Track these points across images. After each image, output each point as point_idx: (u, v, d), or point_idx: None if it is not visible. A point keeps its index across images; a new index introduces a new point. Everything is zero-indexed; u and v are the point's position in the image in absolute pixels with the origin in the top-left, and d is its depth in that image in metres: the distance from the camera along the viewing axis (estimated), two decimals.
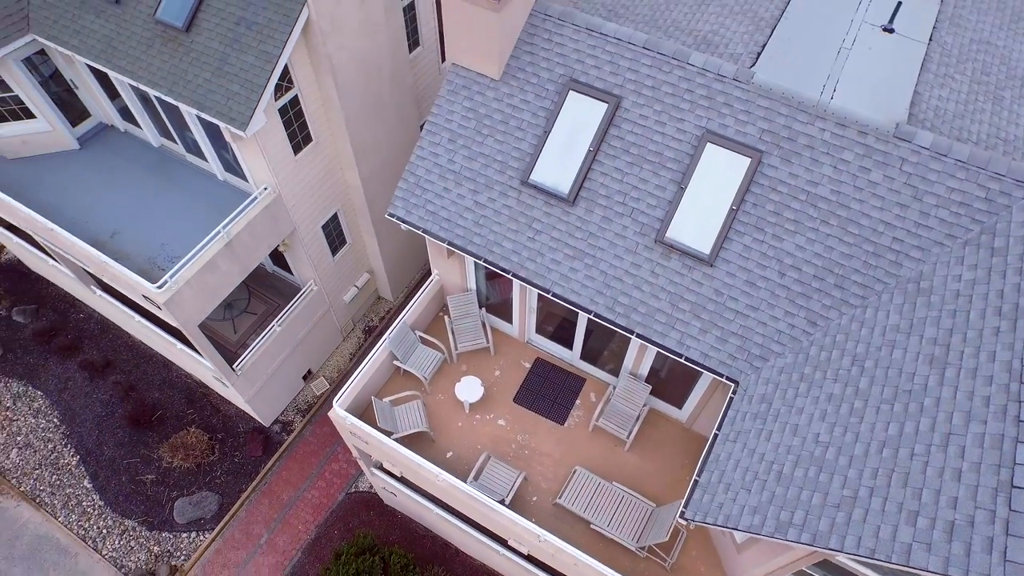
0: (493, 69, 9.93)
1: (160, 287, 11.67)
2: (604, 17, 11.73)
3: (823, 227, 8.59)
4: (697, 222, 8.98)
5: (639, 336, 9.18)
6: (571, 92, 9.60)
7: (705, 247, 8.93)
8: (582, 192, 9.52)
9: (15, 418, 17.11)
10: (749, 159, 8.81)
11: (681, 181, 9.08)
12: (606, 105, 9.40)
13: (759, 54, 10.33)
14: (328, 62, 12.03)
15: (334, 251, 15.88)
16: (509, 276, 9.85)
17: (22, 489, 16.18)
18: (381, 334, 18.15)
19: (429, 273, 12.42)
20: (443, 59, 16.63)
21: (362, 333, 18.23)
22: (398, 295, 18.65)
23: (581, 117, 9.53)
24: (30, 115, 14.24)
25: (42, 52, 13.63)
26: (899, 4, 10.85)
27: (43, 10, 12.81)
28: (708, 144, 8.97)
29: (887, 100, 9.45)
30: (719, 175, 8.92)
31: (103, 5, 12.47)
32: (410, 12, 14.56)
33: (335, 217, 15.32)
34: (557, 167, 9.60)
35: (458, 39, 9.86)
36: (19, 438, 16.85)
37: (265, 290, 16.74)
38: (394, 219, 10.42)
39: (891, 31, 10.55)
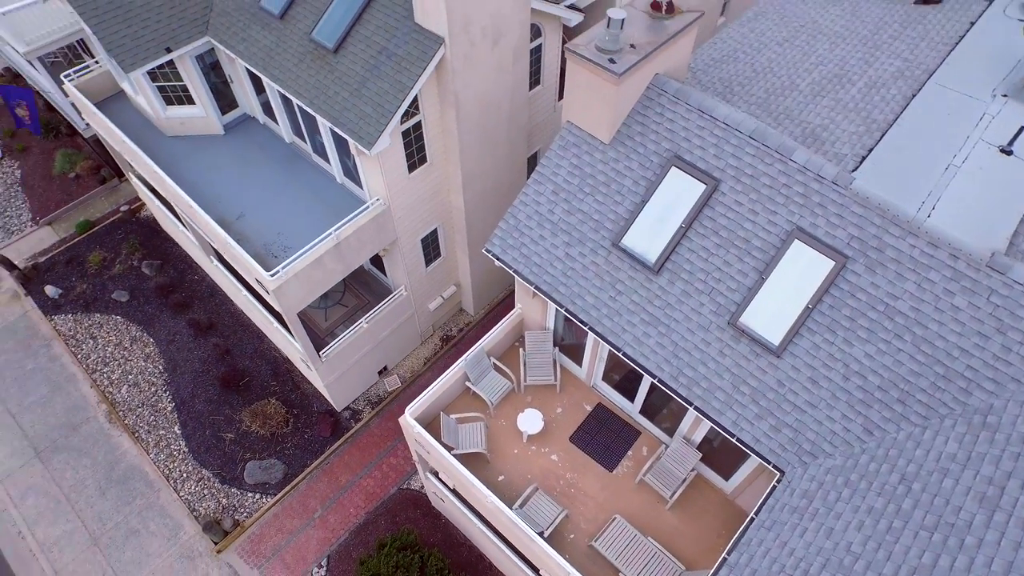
0: (604, 133, 10.60)
1: (272, 275, 13.01)
2: (720, 94, 12.19)
3: (896, 341, 8.77)
4: (772, 312, 9.33)
5: (697, 409, 9.62)
6: (673, 168, 10.15)
7: (775, 338, 9.27)
8: (667, 264, 10.04)
9: (130, 358, 19.17)
10: (834, 262, 9.09)
11: (763, 271, 9.46)
12: (704, 186, 9.89)
13: (864, 157, 10.52)
14: (454, 97, 13.04)
15: (428, 262, 16.96)
16: (586, 329, 10.49)
17: (126, 422, 18.13)
18: (458, 345, 19.14)
19: (512, 294, 13.21)
20: (559, 98, 17.43)
21: (440, 340, 19.28)
22: (479, 311, 19.58)
23: (679, 193, 10.06)
24: (191, 101, 16.05)
25: (211, 51, 15.37)
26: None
27: (220, 18, 14.49)
28: (796, 240, 9.31)
29: (988, 225, 9.48)
30: (801, 272, 9.24)
31: (269, 20, 14.00)
32: (536, 54, 15.46)
33: (434, 232, 16.40)
34: (648, 236, 10.17)
35: (577, 101, 10.60)
36: (130, 377, 18.87)
37: (359, 285, 18.04)
38: (490, 255, 11.27)
39: (1009, 153, 10.50)
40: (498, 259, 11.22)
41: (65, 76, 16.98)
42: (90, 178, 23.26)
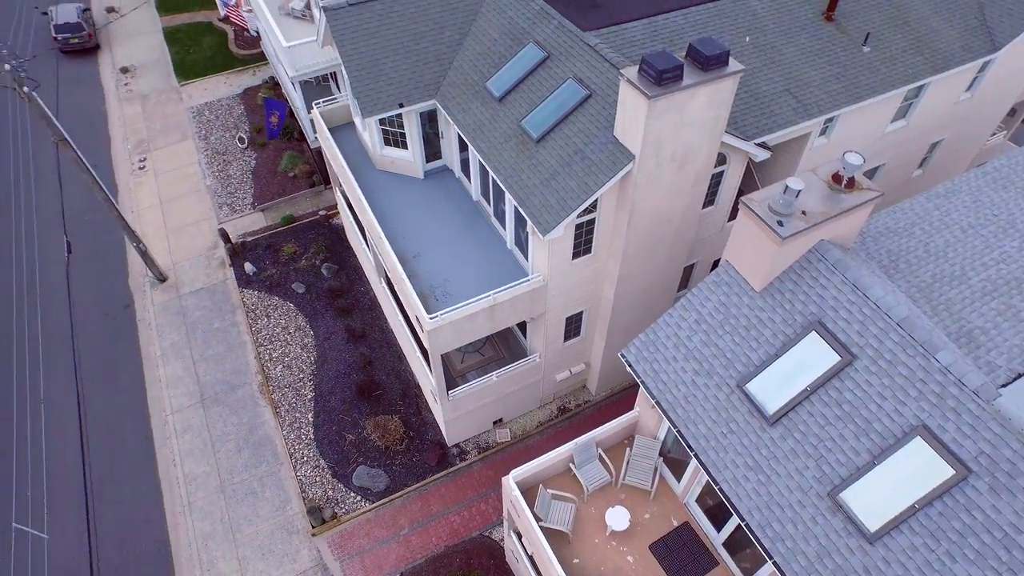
0: (757, 282, 11.33)
1: (431, 317, 14.80)
2: (884, 266, 12.46)
3: (1007, 575, 8.62)
4: (875, 498, 9.50)
5: (776, 565, 9.92)
6: (814, 332, 10.66)
7: (872, 524, 9.43)
8: (784, 419, 10.50)
9: (290, 343, 22.00)
10: (954, 471, 9.15)
11: (877, 456, 9.67)
12: (839, 358, 10.31)
13: (1020, 376, 10.40)
14: (631, 205, 14.29)
15: (566, 338, 18.18)
16: (692, 454, 11.13)
17: (272, 396, 20.81)
18: (572, 419, 20.10)
19: (633, 388, 14.00)
20: (730, 219, 18.17)
21: (557, 409, 20.35)
22: (600, 393, 20.45)
23: (813, 357, 10.54)
24: (405, 147, 18.60)
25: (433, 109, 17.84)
26: None
27: (449, 88, 16.88)
28: (918, 437, 9.46)
29: None
30: (916, 469, 9.36)
31: (489, 99, 16.12)
32: (716, 178, 16.41)
33: (580, 314, 17.62)
34: (773, 387, 10.70)
35: (739, 246, 11.44)
36: (286, 359, 21.65)
37: (499, 339, 19.60)
38: (623, 360, 12.26)
39: None
40: (630, 366, 12.17)
41: (316, 103, 20.28)
42: (304, 180, 27.02)
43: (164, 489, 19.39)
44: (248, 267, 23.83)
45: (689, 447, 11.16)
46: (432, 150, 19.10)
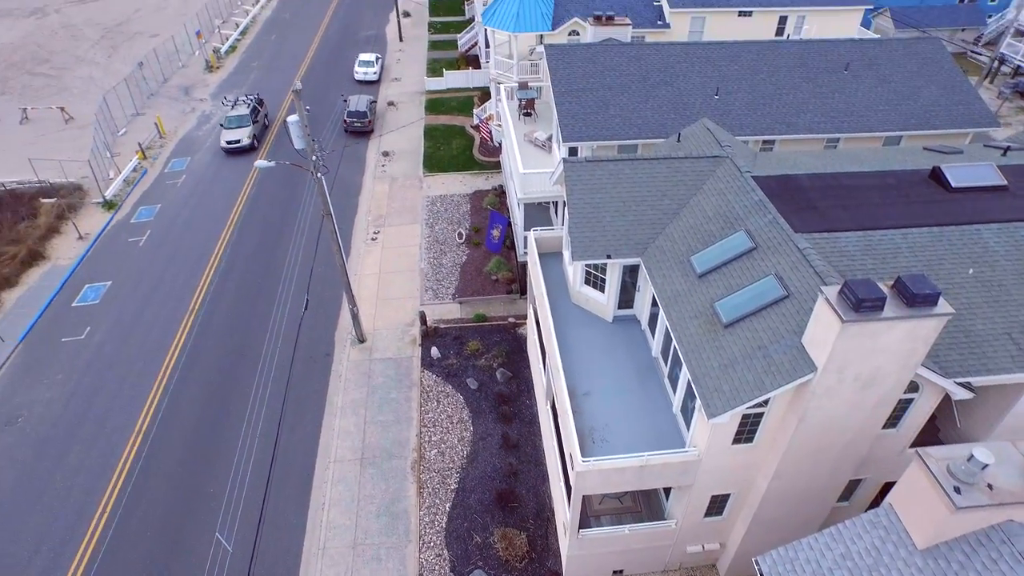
0: (921, 539, 10.86)
1: (584, 460, 15.65)
2: None
3: None
4: None
5: None
6: None
7: None
8: None
9: (450, 432, 23.85)
10: None
11: None
12: None
13: None
14: (803, 412, 14.33)
15: (707, 514, 17.98)
16: None
17: (420, 477, 22.58)
18: None
19: None
20: (913, 444, 17.16)
21: None
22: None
23: None
24: (602, 290, 20.12)
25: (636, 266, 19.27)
26: None
27: (656, 252, 18.26)
28: None
29: None
30: None
31: (690, 273, 17.19)
32: (903, 403, 15.80)
33: (726, 495, 17.43)
34: None
35: (907, 495, 11.10)
36: (443, 446, 23.46)
37: (640, 492, 19.77)
38: (756, 567, 12.16)
39: None
40: (759, 569, 12.02)
41: (534, 228, 22.70)
42: (503, 285, 29.66)
43: (308, 528, 21.58)
44: (434, 351, 26.43)
45: None
46: (626, 298, 20.41)
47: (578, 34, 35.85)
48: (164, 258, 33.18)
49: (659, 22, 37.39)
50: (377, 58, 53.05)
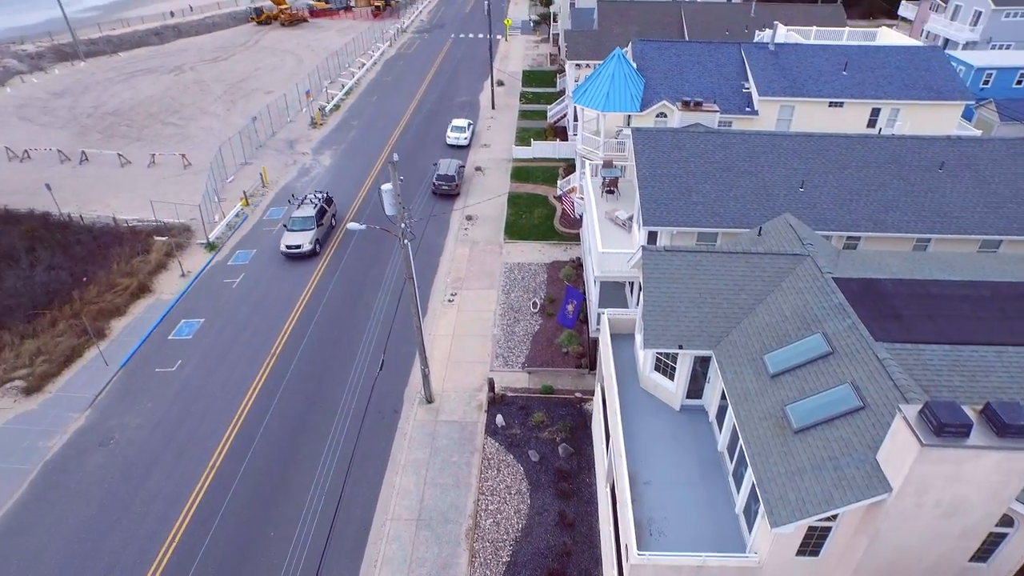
0: None
1: (640, 554, 15.42)
2: None
3: None
4: None
5: None
6: None
7: None
8: None
9: (507, 503, 23.88)
10: None
11: None
12: None
13: None
14: (874, 533, 13.71)
15: None
16: None
17: (473, 545, 22.60)
18: None
19: None
20: None
21: None
22: None
23: None
24: (671, 378, 20.06)
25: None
26: None
27: (729, 347, 18.17)
28: None
29: None
30: None
31: (762, 371, 16.98)
32: (994, 537, 14.84)
33: None
34: None
35: None
36: (499, 516, 23.49)
37: None
38: None
39: None
40: None
41: (607, 310, 22.99)
42: (573, 359, 29.85)
43: None
44: (499, 419, 26.73)
45: None
46: (695, 387, 20.24)
47: (665, 116, 36.65)
48: (253, 301, 35.26)
49: (747, 109, 37.75)
50: (469, 124, 55.60)
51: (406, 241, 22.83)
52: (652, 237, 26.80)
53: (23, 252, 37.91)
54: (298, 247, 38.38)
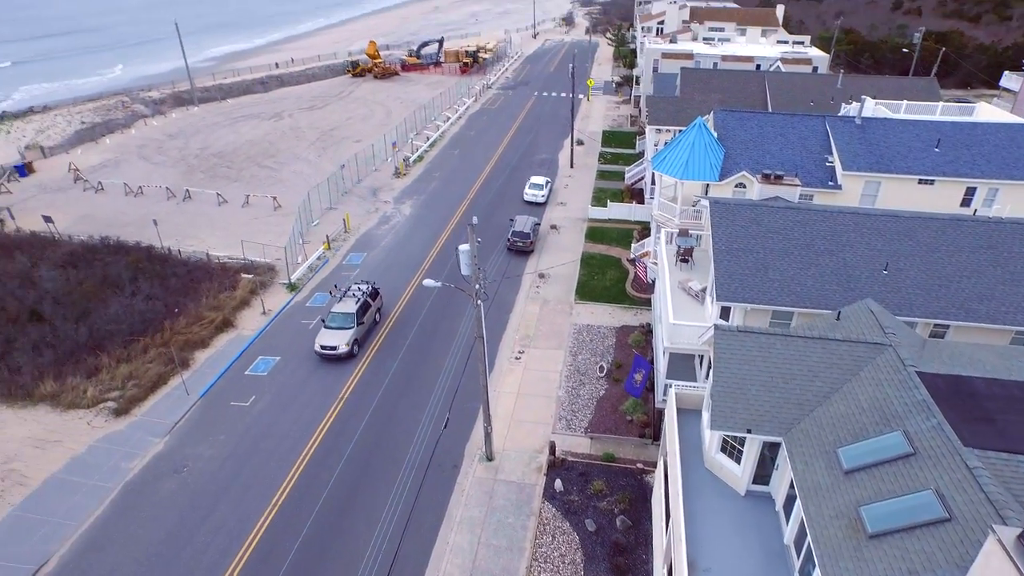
0: None
1: None
2: None
3: None
4: None
5: None
6: None
7: None
8: None
9: (558, 572, 23.43)
10: None
11: None
12: None
13: None
14: None
15: None
16: None
17: None
18: None
19: None
20: None
21: None
22: None
23: None
24: (738, 461, 19.47)
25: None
26: None
27: (800, 435, 17.55)
28: None
29: None
30: None
31: (835, 465, 16.28)
32: None
33: None
34: None
35: None
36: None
37: None
38: None
39: None
40: None
41: (673, 384, 22.66)
42: (637, 428, 29.36)
43: None
44: (558, 483, 26.43)
45: None
46: (762, 473, 19.55)
47: (744, 187, 36.40)
48: None
49: (830, 183, 37.00)
50: (547, 182, 56.68)
51: (479, 302, 23.36)
52: (725, 312, 26.39)
53: (127, 281, 40.82)
54: (333, 348, 34.14)
